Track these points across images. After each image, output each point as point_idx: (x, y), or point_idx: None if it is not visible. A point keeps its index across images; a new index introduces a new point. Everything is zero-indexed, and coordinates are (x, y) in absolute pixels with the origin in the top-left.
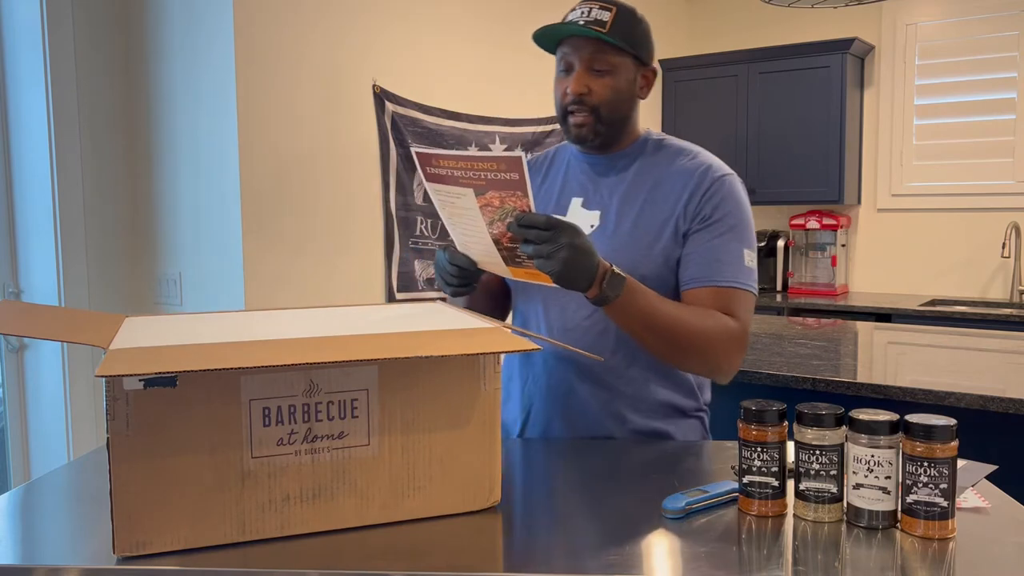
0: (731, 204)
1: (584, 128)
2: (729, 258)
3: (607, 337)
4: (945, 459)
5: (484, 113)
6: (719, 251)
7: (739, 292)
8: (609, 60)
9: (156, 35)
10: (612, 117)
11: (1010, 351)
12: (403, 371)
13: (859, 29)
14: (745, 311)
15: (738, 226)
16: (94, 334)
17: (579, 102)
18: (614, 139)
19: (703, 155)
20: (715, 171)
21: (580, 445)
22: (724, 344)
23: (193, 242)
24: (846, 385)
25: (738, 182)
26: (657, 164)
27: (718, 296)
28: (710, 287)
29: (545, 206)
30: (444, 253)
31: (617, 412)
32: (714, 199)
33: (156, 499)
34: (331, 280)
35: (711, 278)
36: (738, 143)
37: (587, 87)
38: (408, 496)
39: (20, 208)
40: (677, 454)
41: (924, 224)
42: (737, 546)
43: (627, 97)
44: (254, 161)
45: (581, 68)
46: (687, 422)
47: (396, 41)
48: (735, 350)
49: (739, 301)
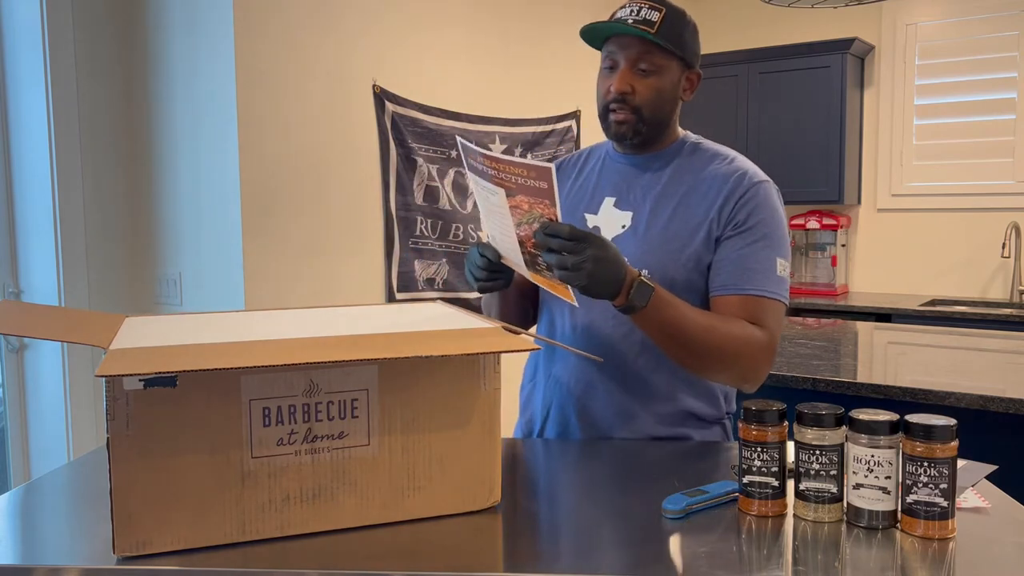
0: (766, 212)
1: (625, 126)
2: (760, 266)
3: (631, 340)
4: (945, 459)
5: (484, 113)
6: (751, 259)
7: (769, 301)
8: (655, 61)
9: (156, 35)
10: (654, 117)
11: (1010, 351)
12: (403, 371)
13: (859, 29)
14: (775, 321)
15: (772, 234)
16: (94, 334)
17: (622, 100)
18: (653, 139)
19: (739, 160)
20: (751, 177)
21: (580, 445)
22: (751, 355)
23: (193, 242)
24: (846, 385)
25: (774, 189)
26: (692, 167)
27: (747, 304)
28: (740, 295)
29: (578, 204)
30: (476, 247)
31: (636, 417)
32: (748, 205)
33: (156, 499)
34: (331, 280)
35: (741, 286)
36: (738, 143)
37: (631, 86)
38: (408, 496)
39: (20, 208)
40: (677, 455)
41: (924, 224)
42: (737, 546)
43: (670, 98)
44: (254, 161)
45: (626, 67)
46: (709, 430)
47: (396, 41)
48: (763, 360)
49: (768, 310)
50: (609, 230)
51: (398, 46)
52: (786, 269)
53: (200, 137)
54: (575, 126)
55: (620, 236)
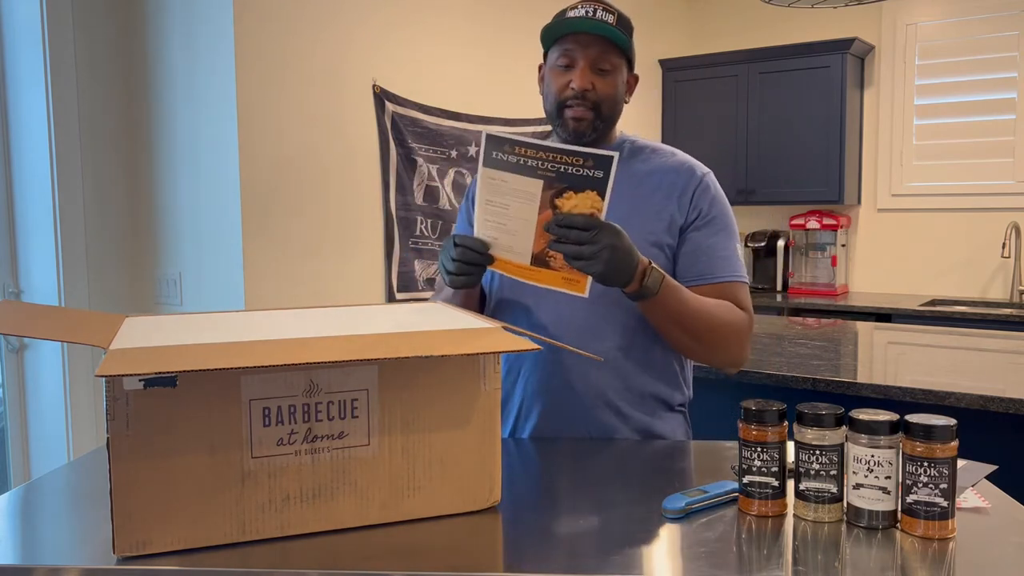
0: (720, 202)
1: (583, 123)
2: (727, 253)
3: (602, 334)
4: (945, 459)
5: (484, 113)
6: (719, 248)
7: (740, 284)
8: (612, 60)
9: (156, 36)
10: (610, 116)
11: (1010, 351)
12: (403, 371)
13: (859, 29)
14: (748, 301)
15: (729, 223)
16: (94, 334)
17: (582, 97)
18: (604, 137)
19: (680, 154)
20: (699, 169)
21: (580, 445)
22: (742, 335)
23: (193, 242)
24: (846, 385)
25: (716, 182)
26: (636, 163)
27: (725, 291)
28: (717, 283)
29: None
30: (453, 238)
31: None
32: (706, 196)
33: (156, 499)
34: (331, 280)
35: (717, 274)
36: (738, 143)
37: (591, 83)
38: (408, 496)
39: (20, 208)
40: (677, 454)
41: (924, 224)
42: (737, 546)
43: (621, 98)
44: (254, 161)
45: (586, 64)
46: (672, 416)
47: (396, 41)
48: (748, 340)
49: (742, 292)
50: None
51: (398, 46)
52: (740, 250)
53: (200, 137)
54: None
55: None
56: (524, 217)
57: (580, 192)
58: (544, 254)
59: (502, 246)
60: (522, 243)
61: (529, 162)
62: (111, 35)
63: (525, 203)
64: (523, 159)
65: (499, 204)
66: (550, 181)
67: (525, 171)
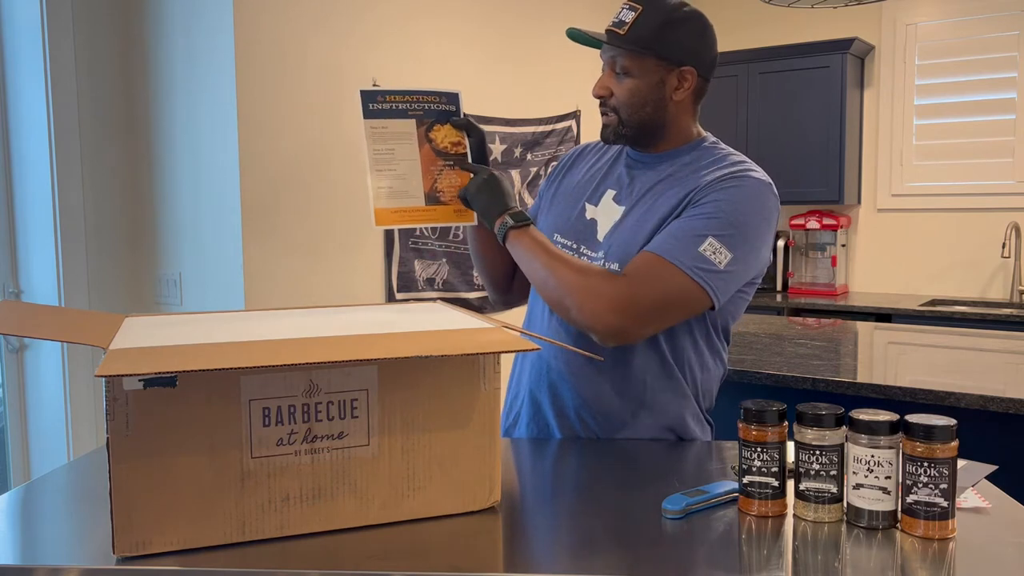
0: (728, 197)
1: (608, 128)
2: (682, 235)
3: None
4: (945, 459)
5: (484, 113)
6: (678, 228)
7: (664, 263)
8: (624, 63)
9: (156, 35)
10: (633, 119)
11: (1010, 351)
12: (403, 371)
13: (859, 29)
14: (652, 280)
15: (720, 215)
16: (94, 334)
17: (603, 103)
18: (647, 139)
19: (746, 163)
20: (735, 171)
21: (580, 446)
22: (584, 295)
23: (193, 242)
24: (846, 385)
25: (763, 187)
26: (692, 167)
27: (640, 260)
28: (643, 253)
29: (583, 192)
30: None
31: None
32: (714, 187)
33: (156, 499)
34: (331, 280)
35: (651, 247)
36: (738, 143)
37: (607, 89)
38: (408, 496)
39: (20, 208)
40: (677, 454)
41: (924, 224)
42: (737, 546)
43: (653, 99)
44: (254, 161)
45: (607, 70)
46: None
47: (396, 41)
48: (600, 306)
49: (655, 269)
50: (605, 223)
51: (398, 46)
52: (719, 254)
53: (200, 136)
54: (575, 126)
55: (609, 230)
56: (409, 157)
57: (444, 124)
58: (434, 191)
59: (398, 192)
60: (413, 184)
61: (399, 106)
62: (111, 34)
63: (406, 143)
64: (394, 104)
65: (385, 151)
66: (419, 119)
67: (398, 115)
